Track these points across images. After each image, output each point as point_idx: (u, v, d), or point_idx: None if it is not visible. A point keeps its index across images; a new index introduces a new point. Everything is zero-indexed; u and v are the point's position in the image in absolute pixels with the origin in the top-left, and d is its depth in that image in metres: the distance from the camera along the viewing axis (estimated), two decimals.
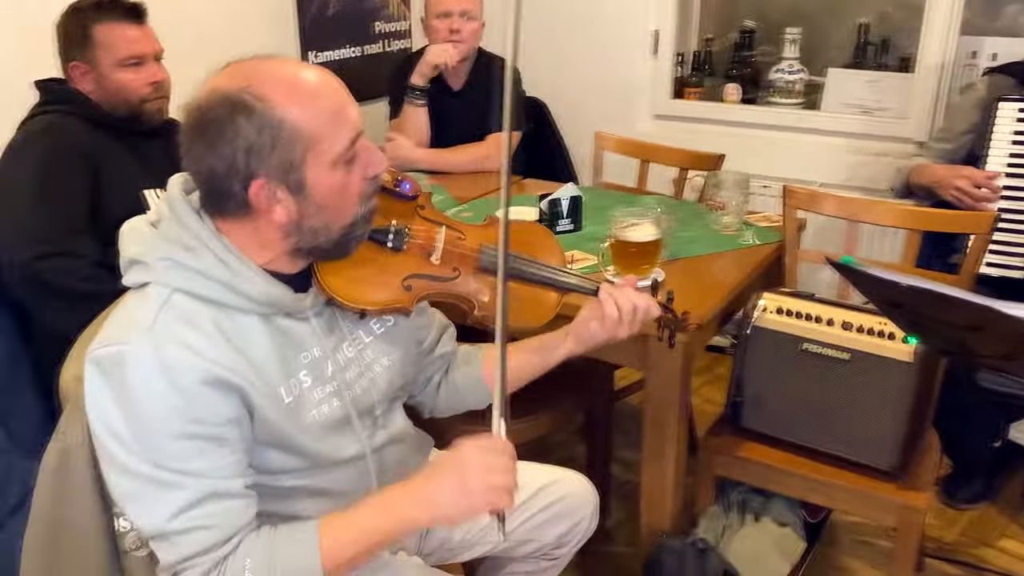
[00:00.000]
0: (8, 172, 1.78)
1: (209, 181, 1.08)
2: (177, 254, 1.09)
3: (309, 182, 1.08)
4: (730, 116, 3.20)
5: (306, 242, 1.13)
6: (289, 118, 1.05)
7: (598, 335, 1.42)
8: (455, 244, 1.33)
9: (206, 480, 1.06)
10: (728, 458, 1.85)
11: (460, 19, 2.63)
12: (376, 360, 1.30)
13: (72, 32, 1.85)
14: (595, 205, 2.31)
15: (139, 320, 1.06)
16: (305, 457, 1.19)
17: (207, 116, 1.05)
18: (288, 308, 1.15)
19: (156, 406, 1.03)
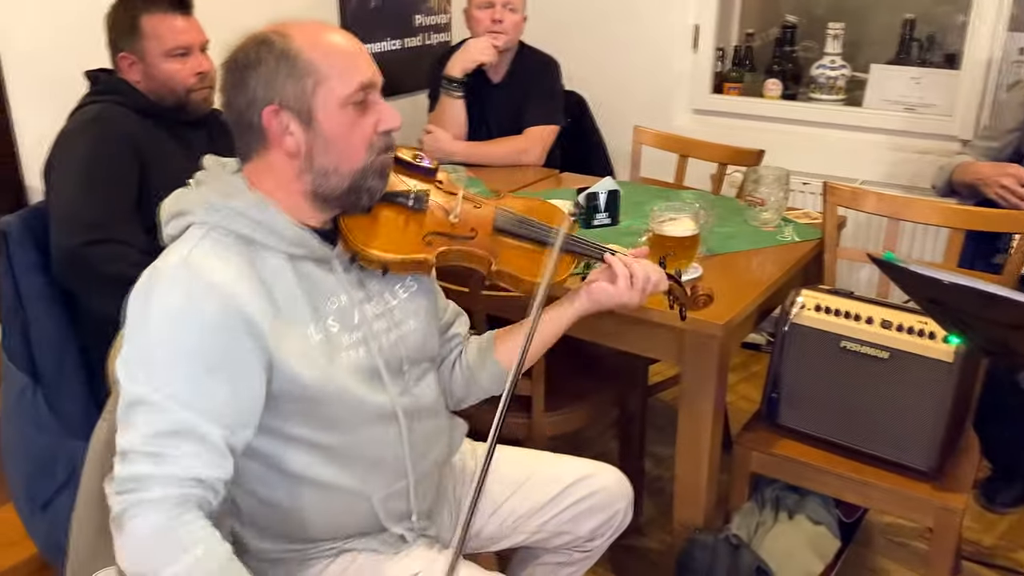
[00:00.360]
0: (58, 160, 1.82)
1: (235, 115, 1.20)
2: (214, 199, 1.18)
3: (318, 116, 1.17)
4: (770, 112, 3.17)
5: (320, 185, 1.20)
6: (305, 53, 1.16)
7: (606, 294, 1.45)
8: (472, 210, 1.41)
9: (189, 413, 1.07)
10: (763, 455, 1.84)
11: (503, 10, 2.63)
12: (403, 321, 1.34)
13: (121, 23, 1.89)
14: (632, 199, 2.31)
15: (176, 250, 1.15)
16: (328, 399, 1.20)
17: (238, 52, 1.19)
18: (316, 252, 1.22)
19: (170, 323, 1.09)
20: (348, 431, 1.25)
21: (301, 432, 1.22)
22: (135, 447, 1.07)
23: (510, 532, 1.55)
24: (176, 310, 1.09)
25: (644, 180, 2.75)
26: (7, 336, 1.82)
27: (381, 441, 1.29)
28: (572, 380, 2.08)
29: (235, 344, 1.12)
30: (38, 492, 1.89)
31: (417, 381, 1.36)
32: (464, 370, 1.51)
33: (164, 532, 1.04)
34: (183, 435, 1.07)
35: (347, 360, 1.23)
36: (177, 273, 1.11)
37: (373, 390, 1.27)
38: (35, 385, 1.85)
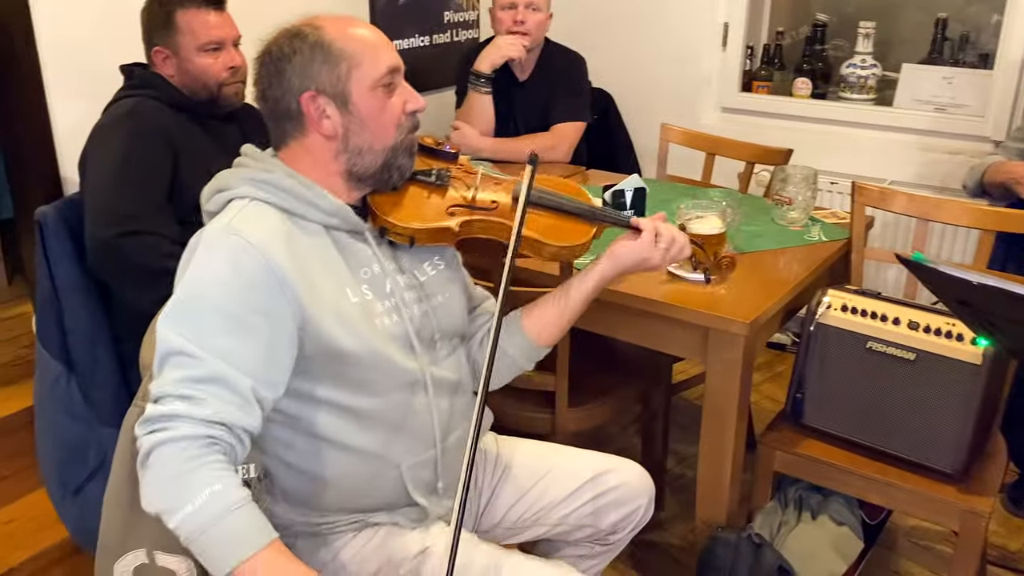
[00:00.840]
0: (93, 153, 1.86)
1: (272, 104, 1.27)
2: (254, 173, 1.26)
3: (353, 98, 1.25)
4: (799, 111, 3.15)
5: (355, 164, 1.28)
6: (338, 42, 1.25)
7: (631, 252, 1.48)
8: (492, 184, 1.47)
9: (222, 363, 1.12)
10: (787, 454, 1.84)
11: (526, 10, 2.64)
12: (434, 294, 1.39)
13: (156, 18, 1.91)
14: (659, 197, 2.31)
15: (219, 220, 1.23)
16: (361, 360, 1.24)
17: (273, 45, 1.27)
18: (350, 221, 1.29)
19: (210, 276, 1.16)
20: (378, 394, 1.29)
21: (331, 395, 1.26)
22: (167, 391, 1.11)
23: (531, 524, 1.56)
24: (217, 268, 1.16)
25: (671, 178, 2.75)
26: (42, 325, 1.86)
27: (410, 408, 1.33)
28: (596, 376, 2.08)
29: (272, 303, 1.17)
30: (70, 478, 1.93)
31: (447, 356, 1.41)
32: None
33: (187, 470, 1.07)
34: (214, 381, 1.12)
35: (381, 326, 1.28)
36: (219, 235, 1.19)
37: (405, 356, 1.31)
38: (69, 373, 1.88)
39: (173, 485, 1.07)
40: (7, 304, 2.96)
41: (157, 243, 1.76)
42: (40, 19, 2.15)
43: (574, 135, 2.75)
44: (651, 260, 1.48)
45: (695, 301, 1.71)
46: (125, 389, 1.95)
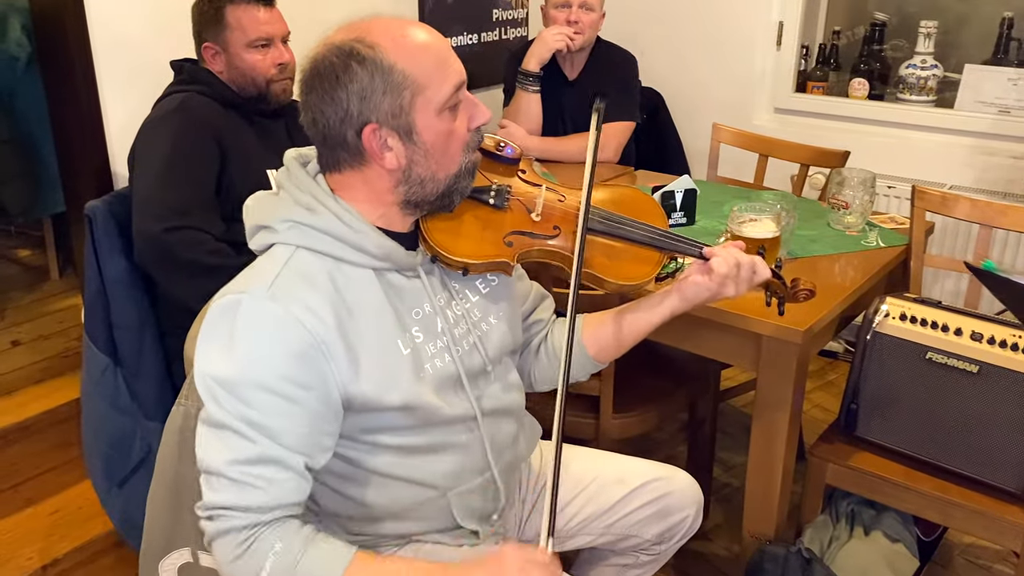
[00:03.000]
0: (142, 148, 1.87)
1: (325, 131, 1.14)
2: (298, 215, 1.16)
3: (417, 127, 1.13)
4: (855, 112, 3.06)
5: (414, 193, 1.17)
6: (399, 64, 1.11)
7: (703, 290, 1.38)
8: (555, 204, 1.35)
9: (273, 444, 1.08)
10: (840, 467, 1.78)
11: (579, 10, 2.60)
12: (483, 318, 1.32)
13: (206, 14, 1.92)
14: (710, 199, 2.26)
15: (262, 274, 1.13)
16: (414, 412, 1.20)
17: (322, 66, 1.12)
18: (401, 263, 1.20)
19: (257, 353, 1.08)
20: (426, 433, 1.24)
21: (377, 437, 1.21)
22: (220, 470, 1.08)
23: (576, 533, 1.53)
24: (261, 342, 1.09)
25: (722, 179, 2.69)
26: (89, 318, 1.87)
27: (459, 440, 1.28)
28: (642, 381, 2.04)
29: (318, 375, 1.11)
30: (114, 470, 1.94)
31: (499, 379, 1.35)
32: (549, 352, 1.49)
33: (245, 553, 1.07)
34: (266, 463, 1.08)
35: (432, 371, 1.22)
36: (263, 304, 1.09)
37: (456, 399, 1.26)
38: (115, 366, 1.90)
39: (239, 567, 1.07)
40: (58, 296, 3.01)
41: (203, 239, 1.75)
42: (93, 14, 2.16)
43: (623, 134, 2.71)
44: (727, 293, 1.38)
45: (748, 308, 1.66)
46: (169, 383, 1.95)
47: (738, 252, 1.38)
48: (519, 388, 1.41)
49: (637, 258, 1.38)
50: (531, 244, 1.30)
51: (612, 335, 1.45)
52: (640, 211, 1.42)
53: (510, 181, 1.34)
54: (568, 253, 1.30)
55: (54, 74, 2.23)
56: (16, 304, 2.94)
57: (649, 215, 1.42)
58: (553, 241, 1.32)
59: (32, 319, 2.83)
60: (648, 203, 1.46)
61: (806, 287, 1.42)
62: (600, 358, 1.47)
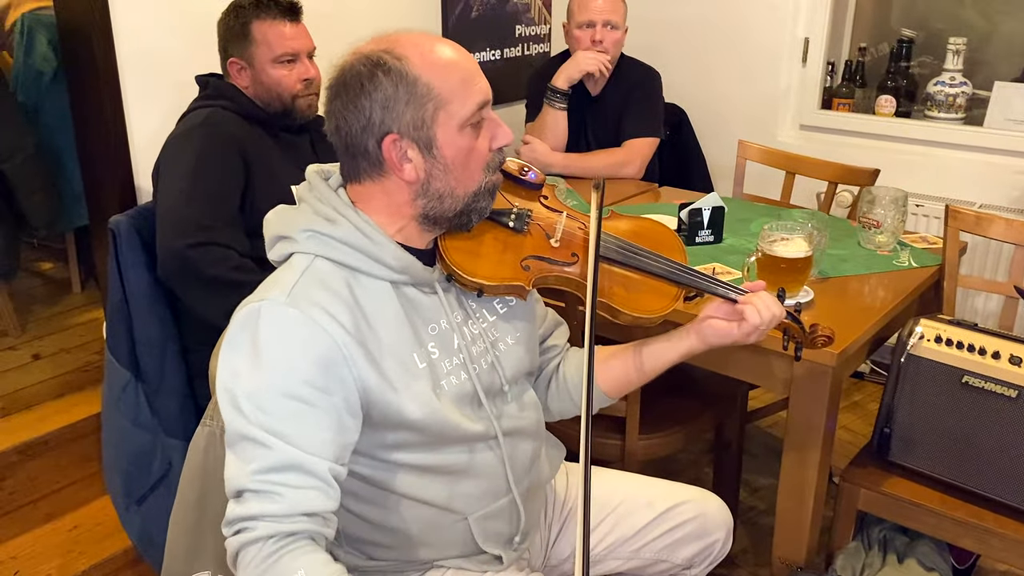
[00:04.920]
0: (166, 163, 1.86)
1: (347, 139, 1.14)
2: (317, 224, 1.16)
3: (438, 141, 1.13)
4: (882, 130, 3.03)
5: (433, 208, 1.17)
6: (424, 77, 1.11)
7: (727, 337, 1.36)
8: (575, 231, 1.34)
9: (294, 449, 1.06)
10: (872, 492, 1.74)
11: (603, 29, 2.59)
12: (501, 339, 1.31)
13: (232, 29, 1.91)
14: (736, 217, 2.23)
15: (282, 281, 1.13)
16: (431, 427, 1.18)
17: (348, 74, 1.13)
18: (419, 277, 1.19)
19: (277, 358, 1.07)
20: (446, 452, 1.22)
21: (396, 455, 1.19)
22: (245, 485, 1.05)
23: (603, 558, 1.49)
24: (281, 348, 1.08)
25: (747, 197, 2.66)
26: (112, 332, 1.86)
27: (480, 461, 1.26)
28: (668, 402, 2.00)
29: (338, 378, 1.10)
30: (134, 487, 1.92)
31: (516, 399, 1.32)
32: (561, 384, 1.47)
33: (268, 566, 1.03)
34: (290, 469, 1.06)
35: (448, 387, 1.21)
36: (282, 310, 1.09)
37: (474, 417, 1.24)
38: (136, 382, 1.88)
39: None
40: (80, 309, 3.01)
41: (227, 255, 1.74)
42: (120, 28, 2.17)
43: (647, 151, 2.68)
44: (750, 341, 1.36)
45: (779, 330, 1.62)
46: (191, 400, 1.94)
47: (772, 301, 1.34)
48: (537, 408, 1.38)
49: (655, 291, 1.35)
50: (548, 270, 1.28)
51: (625, 371, 1.42)
52: (660, 244, 1.40)
53: (531, 206, 1.33)
54: (585, 281, 1.28)
55: (79, 88, 2.23)
56: (37, 317, 2.94)
57: (669, 249, 1.40)
58: (570, 268, 1.30)
59: (53, 332, 2.83)
60: (669, 237, 1.44)
61: (824, 333, 1.39)
62: (611, 393, 1.45)
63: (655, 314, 1.34)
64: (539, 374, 1.47)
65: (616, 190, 2.53)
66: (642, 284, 1.35)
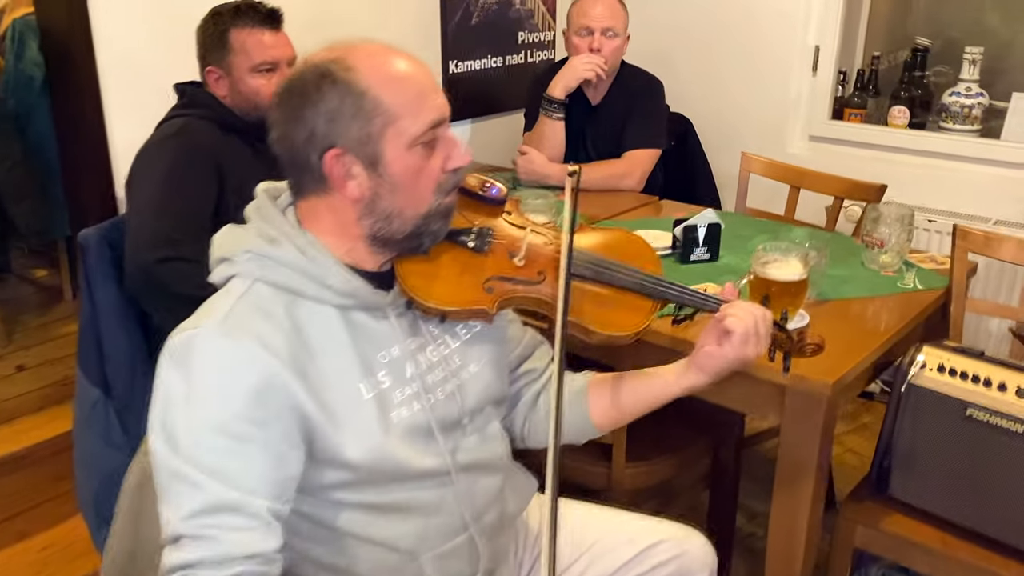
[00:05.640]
0: (137, 174, 1.81)
1: (291, 151, 1.09)
2: (258, 246, 1.10)
3: (385, 159, 1.08)
4: (895, 141, 2.92)
5: (380, 228, 1.11)
6: (373, 90, 1.06)
7: (722, 359, 1.26)
8: (541, 248, 1.26)
9: (230, 489, 0.99)
10: (870, 529, 1.65)
11: (601, 37, 2.51)
12: (463, 367, 1.23)
13: (210, 37, 1.86)
14: (736, 233, 2.14)
15: (216, 308, 1.06)
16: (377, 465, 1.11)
17: (295, 82, 1.09)
18: (366, 301, 1.13)
19: (209, 392, 1.01)
20: (394, 491, 1.15)
21: (344, 495, 1.12)
22: (180, 530, 0.99)
23: None
24: (214, 380, 1.01)
25: (751, 211, 2.57)
26: (82, 348, 1.81)
27: (432, 498, 1.18)
28: (659, 427, 1.89)
29: (276, 411, 1.03)
30: (105, 507, 1.86)
31: (477, 431, 1.25)
32: (548, 407, 1.38)
33: None
34: (227, 511, 0.99)
35: (398, 420, 1.13)
36: (216, 340, 1.03)
37: (426, 452, 1.16)
38: (107, 399, 1.83)
39: None
40: (68, 319, 2.97)
41: (195, 271, 1.65)
42: (101, 34, 2.12)
43: (648, 162, 2.60)
44: (751, 354, 1.25)
45: None
46: None
47: (751, 305, 1.26)
48: (502, 439, 1.30)
49: (627, 307, 1.28)
50: (513, 290, 1.21)
51: (619, 403, 1.34)
52: (632, 255, 1.32)
53: (493, 223, 1.25)
54: (553, 300, 1.21)
55: (61, 94, 2.19)
56: (26, 326, 2.90)
57: (642, 260, 1.32)
58: (537, 287, 1.22)
59: (41, 342, 2.79)
60: (641, 247, 1.36)
61: (814, 341, 1.30)
62: (603, 425, 1.37)
63: (629, 331, 1.27)
64: (516, 401, 1.40)
65: (615, 203, 2.45)
66: (614, 300, 1.28)
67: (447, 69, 3.02)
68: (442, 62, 3.00)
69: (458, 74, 3.05)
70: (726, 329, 1.24)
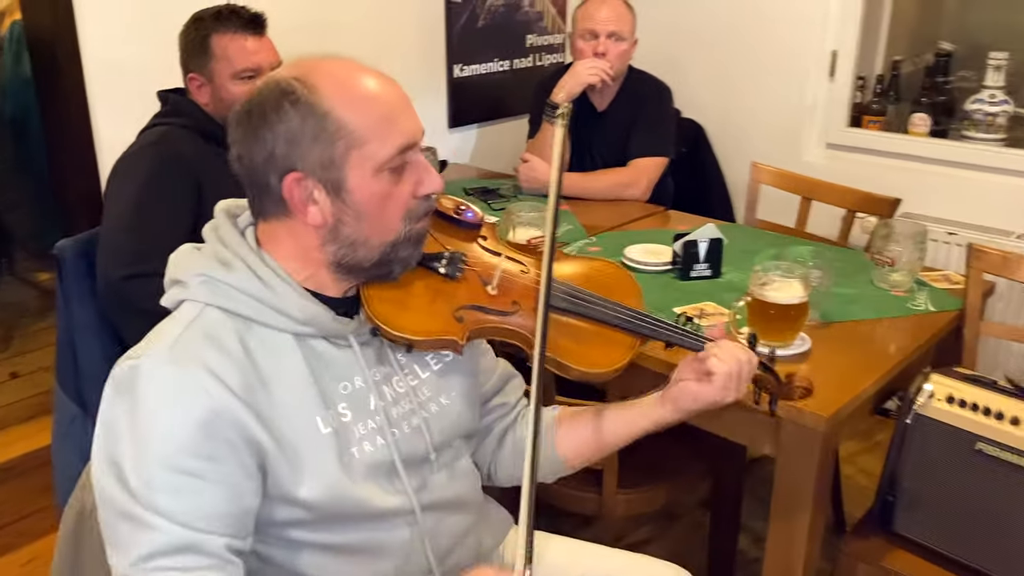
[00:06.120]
0: (114, 184, 1.76)
1: (249, 172, 1.03)
2: (212, 270, 1.03)
3: (349, 184, 1.01)
4: (915, 150, 2.81)
5: (345, 255, 1.04)
6: (336, 111, 0.99)
7: (699, 399, 1.19)
8: (516, 276, 1.19)
9: (185, 529, 0.93)
10: (875, 568, 1.56)
11: (608, 40, 2.43)
12: (432, 399, 1.16)
13: (191, 42, 1.80)
14: (742, 248, 2.05)
15: (163, 335, 1.00)
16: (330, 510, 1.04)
17: (255, 101, 1.01)
18: (326, 329, 1.06)
19: (158, 427, 0.94)
20: (356, 531, 1.08)
21: (298, 534, 1.05)
22: (127, 573, 0.93)
23: None
24: (162, 414, 0.94)
25: (761, 224, 2.48)
26: (60, 363, 1.76)
27: (394, 539, 1.11)
28: (655, 451, 1.82)
29: (228, 448, 0.96)
30: None
31: (445, 467, 1.17)
32: (518, 445, 1.31)
33: None
34: (181, 551, 0.93)
35: (359, 456, 1.06)
36: (163, 370, 0.96)
37: (388, 490, 1.09)
38: (84, 415, 1.78)
39: None
40: None
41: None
42: (87, 38, 2.08)
43: (654, 171, 2.52)
44: (727, 399, 1.18)
45: None
46: None
47: (737, 347, 1.18)
48: (472, 476, 1.23)
49: (608, 342, 1.20)
50: (485, 320, 1.13)
51: (590, 438, 1.26)
52: (613, 289, 1.24)
53: (467, 248, 1.18)
54: (527, 332, 1.13)
55: (48, 99, 2.15)
56: (24, 331, 2.88)
57: (623, 292, 1.24)
58: (510, 318, 1.15)
59: (37, 348, 2.76)
60: (622, 279, 1.29)
61: (802, 384, 1.23)
62: (573, 462, 1.29)
63: (608, 368, 1.19)
64: (487, 435, 1.32)
65: (620, 213, 2.37)
66: (593, 334, 1.20)
67: (452, 73, 2.95)
68: (447, 66, 2.94)
69: (463, 78, 2.98)
70: (708, 370, 1.16)
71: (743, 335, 1.60)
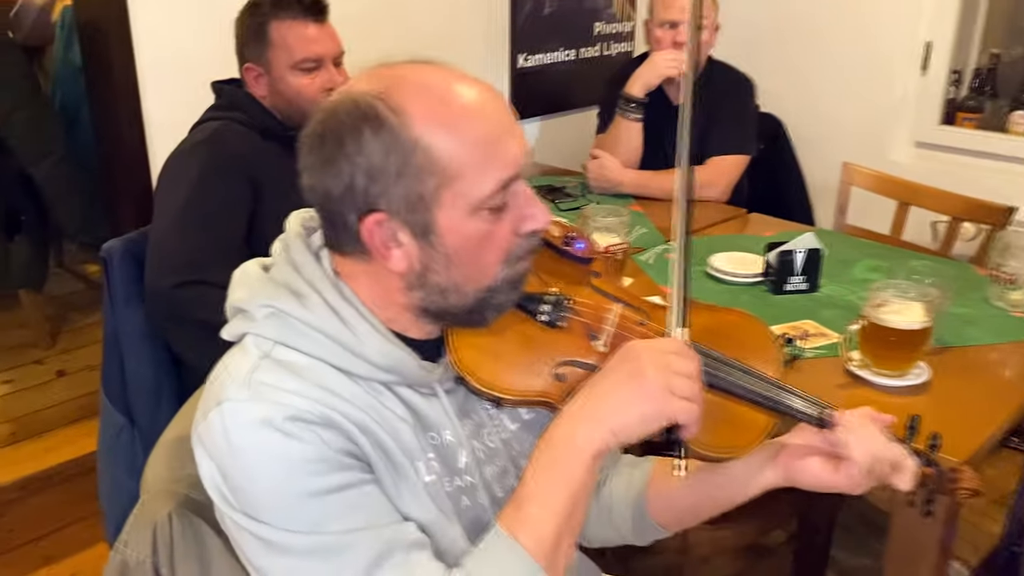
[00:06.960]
0: (164, 185, 1.65)
1: (324, 204, 0.88)
2: (282, 301, 0.87)
3: (439, 227, 0.85)
4: (1014, 151, 2.63)
5: (432, 302, 0.89)
6: (425, 139, 0.82)
7: (821, 484, 0.97)
8: (632, 329, 0.98)
9: (377, 530, 0.82)
10: None
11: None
12: (523, 452, 1.00)
13: (248, 30, 1.68)
14: (836, 257, 1.88)
15: (233, 373, 0.86)
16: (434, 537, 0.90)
17: (330, 123, 0.85)
18: (412, 378, 0.90)
19: (269, 466, 0.81)
20: None
21: None
22: None
23: None
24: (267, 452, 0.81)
25: (850, 230, 2.29)
26: (106, 371, 1.66)
27: None
28: None
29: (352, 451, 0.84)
30: None
31: None
32: (602, 505, 1.15)
33: None
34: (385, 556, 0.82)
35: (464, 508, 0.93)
36: (245, 408, 0.82)
37: None
38: (132, 428, 1.68)
39: None
40: None
41: (218, 297, 1.49)
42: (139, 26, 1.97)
43: (734, 170, 2.35)
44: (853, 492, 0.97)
45: None
46: None
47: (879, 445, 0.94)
48: None
49: (737, 423, 0.96)
50: None
51: (687, 501, 1.08)
52: (752, 350, 1.01)
53: (576, 290, 0.99)
54: None
55: (98, 91, 2.05)
56: (72, 327, 2.80)
57: (764, 357, 1.01)
58: None
59: (84, 345, 2.68)
60: (762, 338, 1.05)
61: (970, 486, 0.98)
62: (667, 525, 1.11)
63: (735, 454, 0.96)
64: None
65: (697, 216, 2.18)
66: (721, 411, 0.96)
67: (515, 63, 2.81)
68: (510, 55, 2.79)
69: (527, 68, 2.84)
70: (839, 455, 0.95)
71: (854, 361, 1.44)
